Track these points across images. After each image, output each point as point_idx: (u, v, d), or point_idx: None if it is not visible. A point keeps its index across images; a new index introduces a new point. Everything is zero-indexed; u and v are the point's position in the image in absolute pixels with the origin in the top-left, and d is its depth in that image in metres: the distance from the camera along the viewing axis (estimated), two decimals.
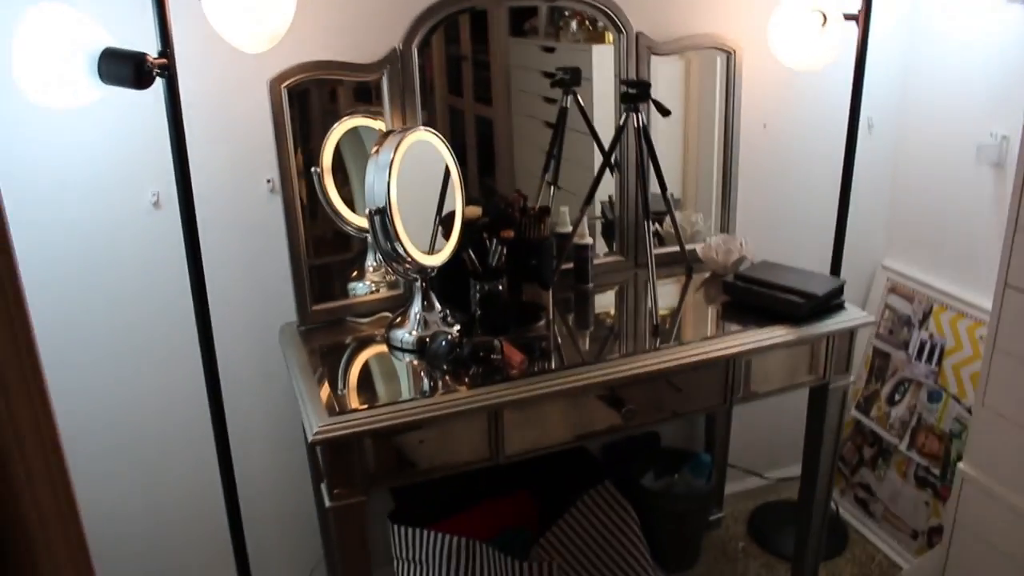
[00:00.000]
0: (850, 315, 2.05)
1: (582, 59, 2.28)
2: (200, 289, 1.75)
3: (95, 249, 1.94)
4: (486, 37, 2.17)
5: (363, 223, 1.98)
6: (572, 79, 2.26)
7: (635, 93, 2.02)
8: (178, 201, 1.69)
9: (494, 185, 2.27)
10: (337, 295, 2.14)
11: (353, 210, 2.08)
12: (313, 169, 2.03)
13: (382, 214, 1.80)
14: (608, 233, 2.44)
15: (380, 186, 1.80)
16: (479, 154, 2.26)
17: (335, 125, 2.05)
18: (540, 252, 2.05)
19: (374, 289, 2.18)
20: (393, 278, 2.16)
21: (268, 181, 2.02)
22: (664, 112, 2.05)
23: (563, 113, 2.27)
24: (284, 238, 2.01)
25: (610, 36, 2.24)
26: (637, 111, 2.03)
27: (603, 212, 2.43)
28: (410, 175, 1.83)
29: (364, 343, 2.02)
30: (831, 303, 2.06)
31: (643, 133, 2.04)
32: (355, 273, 2.18)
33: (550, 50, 2.29)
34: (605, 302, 2.26)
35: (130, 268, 1.98)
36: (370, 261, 2.18)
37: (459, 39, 2.14)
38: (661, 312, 2.11)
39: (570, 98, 2.26)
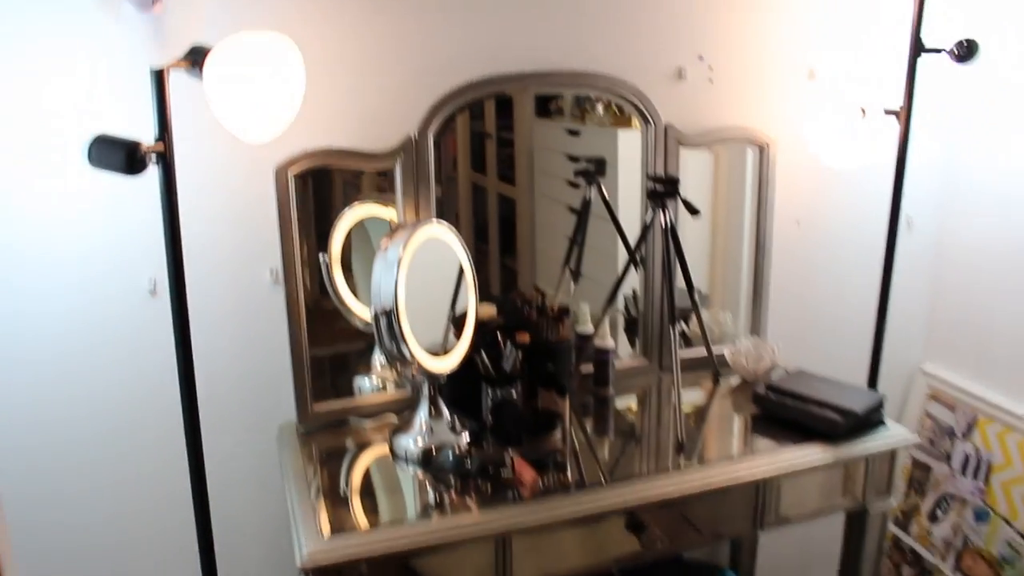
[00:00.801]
0: (891, 433, 1.89)
1: (607, 143, 2.18)
2: (189, 383, 1.61)
3: (86, 336, 1.82)
4: (511, 114, 2.09)
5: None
6: (596, 169, 2.15)
7: (663, 190, 1.90)
8: (169, 291, 1.56)
9: (515, 266, 2.16)
10: (341, 392, 2.00)
11: (360, 299, 1.97)
12: (321, 256, 1.93)
13: (388, 316, 1.67)
14: (631, 329, 2.30)
15: (387, 285, 1.68)
16: (501, 234, 2.16)
17: (345, 211, 1.95)
18: (558, 356, 1.91)
19: (381, 387, 2.05)
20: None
21: (271, 271, 1.90)
22: (693, 212, 1.92)
23: (586, 205, 2.15)
24: (286, 332, 1.89)
25: (636, 121, 2.13)
26: (664, 208, 1.90)
27: (627, 307, 2.30)
28: (422, 268, 1.72)
29: (367, 448, 1.88)
30: (870, 420, 1.90)
31: (670, 232, 1.91)
32: (362, 368, 2.05)
33: (575, 133, 2.19)
34: (626, 411, 2.11)
35: (122, 357, 1.86)
36: (378, 356, 2.04)
37: (483, 115, 2.06)
38: (686, 424, 1.95)
39: (594, 189, 2.15)
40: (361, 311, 1.97)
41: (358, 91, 1.88)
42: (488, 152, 2.10)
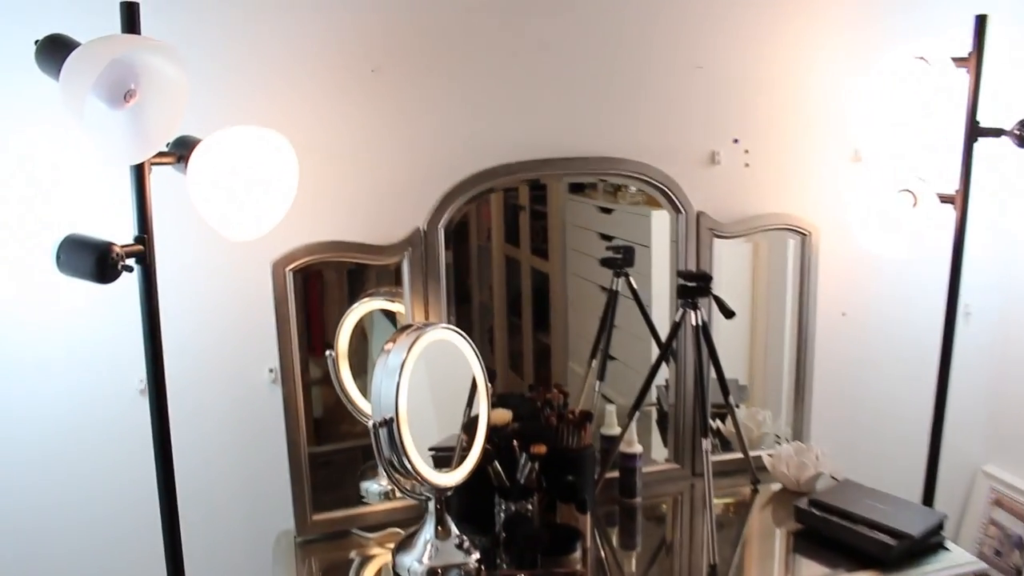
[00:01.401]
0: (954, 559, 1.69)
1: (641, 223, 2.07)
2: (169, 491, 1.47)
3: (72, 438, 1.71)
4: (545, 186, 1.99)
5: None
6: (624, 259, 2.01)
7: (694, 287, 1.75)
8: (148, 394, 1.44)
9: (547, 340, 2.04)
10: (347, 495, 1.87)
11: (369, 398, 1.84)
12: (328, 353, 1.82)
13: (388, 426, 1.53)
14: (663, 421, 2.14)
15: (388, 392, 1.54)
16: (534, 307, 2.05)
17: (354, 306, 1.84)
18: (579, 467, 1.75)
19: (389, 490, 1.90)
20: None
21: (271, 370, 1.79)
22: (728, 315, 1.76)
23: (613, 296, 2.01)
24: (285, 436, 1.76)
25: (667, 209, 2.00)
26: (696, 307, 1.75)
27: (659, 399, 2.14)
28: (434, 363, 1.60)
29: (370, 562, 1.74)
30: (928, 543, 1.71)
31: (703, 332, 1.75)
32: (370, 471, 1.91)
33: (608, 211, 2.07)
34: (654, 524, 1.92)
35: (108, 458, 1.75)
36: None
37: (517, 188, 1.97)
38: (720, 541, 1.76)
39: (622, 281, 2.01)
40: (370, 410, 1.84)
41: (364, 181, 1.79)
42: (522, 224, 2.01)
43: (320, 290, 1.84)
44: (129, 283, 1.50)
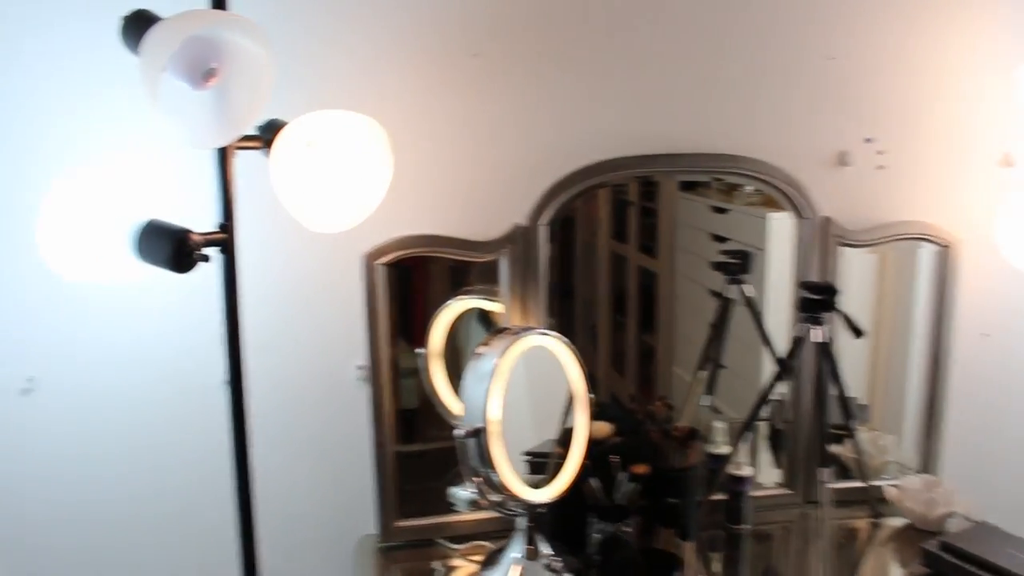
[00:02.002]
0: None
1: (756, 226, 1.92)
2: (245, 486, 1.40)
3: (152, 429, 1.67)
4: (655, 183, 1.90)
5: None
6: (739, 266, 1.86)
7: (818, 300, 1.59)
8: (228, 388, 1.37)
9: (653, 343, 1.93)
10: (432, 504, 1.78)
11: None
12: (418, 351, 1.74)
13: (477, 436, 1.44)
14: (775, 441, 1.98)
15: (477, 400, 1.44)
16: (640, 308, 1.94)
17: (448, 303, 1.76)
18: (682, 489, 1.62)
19: (479, 498, 1.81)
20: None
21: (359, 368, 1.71)
22: (858, 334, 1.60)
23: (727, 306, 1.86)
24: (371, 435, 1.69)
25: (789, 213, 1.85)
26: (819, 323, 1.59)
27: (772, 415, 1.98)
28: (529, 367, 1.51)
29: (456, 572, 1.66)
30: None
31: (826, 351, 1.59)
32: (459, 477, 1.82)
33: (722, 211, 1.93)
34: (761, 555, 1.77)
35: (190, 452, 1.70)
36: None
37: (626, 184, 1.87)
38: None
39: (735, 288, 1.86)
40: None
41: (462, 173, 1.70)
42: (630, 221, 1.92)
43: (424, 285, 1.77)
44: (215, 273, 1.45)
